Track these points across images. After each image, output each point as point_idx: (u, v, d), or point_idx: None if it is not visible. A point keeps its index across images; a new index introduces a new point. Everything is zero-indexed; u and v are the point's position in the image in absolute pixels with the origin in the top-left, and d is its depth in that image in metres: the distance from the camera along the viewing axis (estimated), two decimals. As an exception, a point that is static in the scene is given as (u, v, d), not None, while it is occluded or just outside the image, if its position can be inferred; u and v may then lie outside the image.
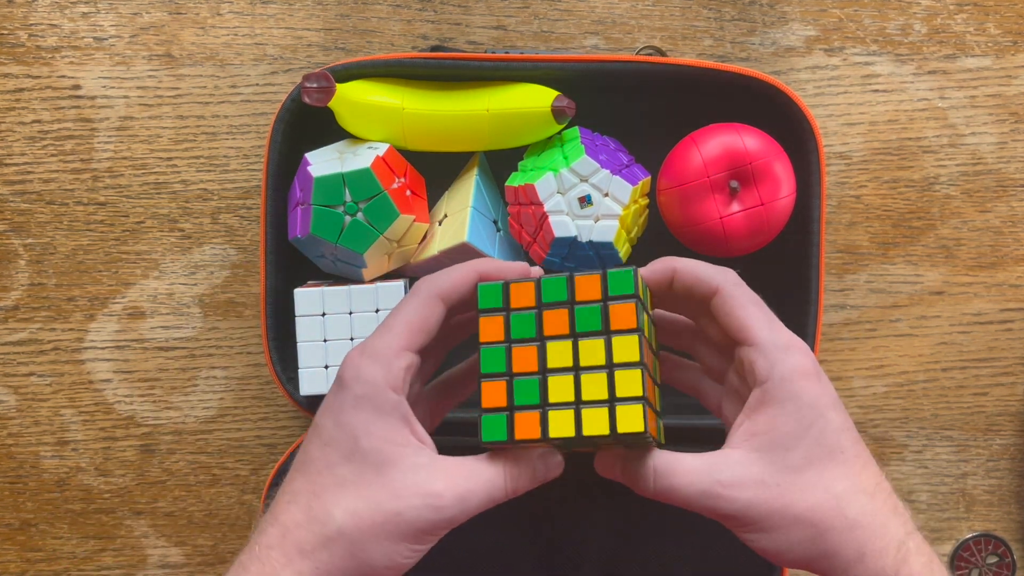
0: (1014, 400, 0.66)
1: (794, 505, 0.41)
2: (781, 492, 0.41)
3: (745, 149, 0.55)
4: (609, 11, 0.63)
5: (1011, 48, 0.64)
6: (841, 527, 0.41)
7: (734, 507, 0.41)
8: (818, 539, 0.41)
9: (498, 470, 0.42)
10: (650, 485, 0.41)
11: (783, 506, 0.41)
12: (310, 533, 0.40)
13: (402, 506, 0.40)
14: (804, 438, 0.41)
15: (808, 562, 0.41)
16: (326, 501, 0.40)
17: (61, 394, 0.64)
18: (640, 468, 0.41)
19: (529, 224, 0.57)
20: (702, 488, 0.41)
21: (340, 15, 0.63)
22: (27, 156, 0.63)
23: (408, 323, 0.42)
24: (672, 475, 0.41)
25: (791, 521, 0.41)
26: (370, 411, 0.41)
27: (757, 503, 0.41)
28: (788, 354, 0.42)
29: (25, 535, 0.65)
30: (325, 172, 0.56)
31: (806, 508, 0.41)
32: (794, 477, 0.41)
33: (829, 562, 0.41)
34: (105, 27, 0.63)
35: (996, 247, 0.65)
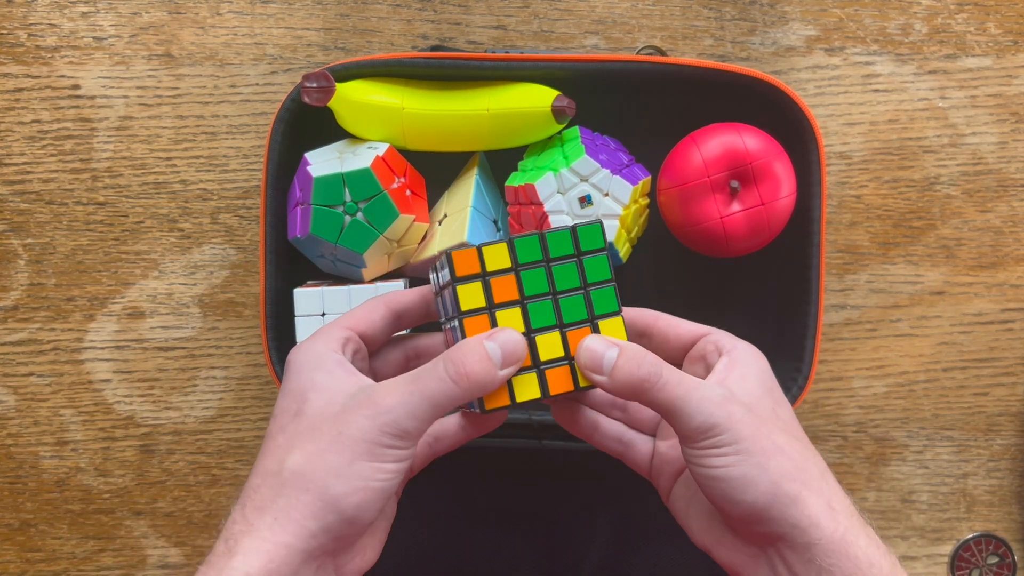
0: (1015, 400, 0.66)
1: (776, 438, 0.40)
2: (763, 425, 0.40)
3: (745, 149, 0.55)
4: (609, 11, 0.63)
5: (1011, 48, 0.64)
6: (813, 472, 0.40)
7: (729, 420, 0.39)
8: (794, 475, 0.39)
9: (435, 364, 0.39)
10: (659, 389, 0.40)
11: (768, 432, 0.40)
12: (266, 488, 0.38)
13: (343, 426, 0.38)
14: (770, 397, 0.42)
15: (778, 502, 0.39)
16: (278, 455, 0.39)
17: (61, 394, 0.64)
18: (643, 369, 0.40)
19: (529, 224, 0.57)
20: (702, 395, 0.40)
21: (340, 15, 0.63)
22: (27, 156, 0.63)
23: (348, 315, 0.43)
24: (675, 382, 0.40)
25: (774, 447, 0.39)
26: (312, 369, 0.41)
27: (747, 424, 0.39)
28: (744, 342, 0.44)
29: (25, 535, 0.65)
30: (325, 172, 0.56)
31: (785, 442, 0.40)
32: (773, 420, 0.41)
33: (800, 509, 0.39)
34: (105, 27, 0.62)
35: (997, 247, 0.65)
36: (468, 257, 0.41)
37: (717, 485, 0.40)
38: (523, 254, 0.42)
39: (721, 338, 0.44)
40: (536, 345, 0.42)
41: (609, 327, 0.43)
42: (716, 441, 0.39)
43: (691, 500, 0.45)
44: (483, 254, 0.42)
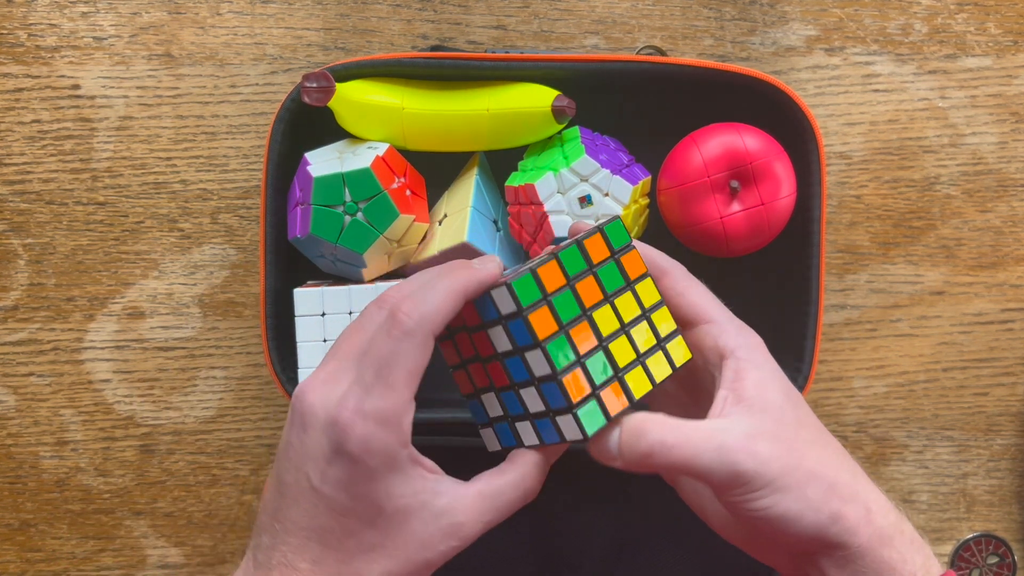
0: (1015, 400, 0.66)
1: (806, 459, 0.39)
2: (792, 447, 0.39)
3: (745, 149, 0.55)
4: (609, 11, 0.63)
5: (1011, 48, 0.64)
6: (846, 480, 0.39)
7: (754, 462, 0.38)
8: (830, 494, 0.39)
9: (508, 480, 0.41)
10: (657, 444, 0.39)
11: (798, 460, 0.38)
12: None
13: (431, 554, 0.39)
14: (788, 400, 0.41)
15: (819, 527, 0.39)
16: (357, 567, 0.39)
17: (61, 394, 0.64)
18: (642, 441, 0.39)
19: (529, 224, 0.57)
20: (721, 443, 0.38)
21: (340, 15, 0.63)
22: (27, 156, 0.63)
23: (409, 373, 0.39)
24: (688, 444, 0.38)
25: (806, 476, 0.38)
26: (388, 477, 0.39)
27: (774, 457, 0.38)
28: (743, 329, 0.43)
29: (25, 535, 0.65)
30: (325, 172, 0.56)
31: (816, 462, 0.39)
32: (797, 434, 0.40)
33: (839, 524, 0.39)
34: (105, 27, 0.62)
35: (997, 247, 0.65)
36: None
37: (761, 524, 0.39)
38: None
39: (721, 335, 0.42)
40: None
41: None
42: (747, 488, 0.38)
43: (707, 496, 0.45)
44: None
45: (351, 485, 0.38)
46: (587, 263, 0.42)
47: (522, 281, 0.39)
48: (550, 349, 0.39)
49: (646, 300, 0.43)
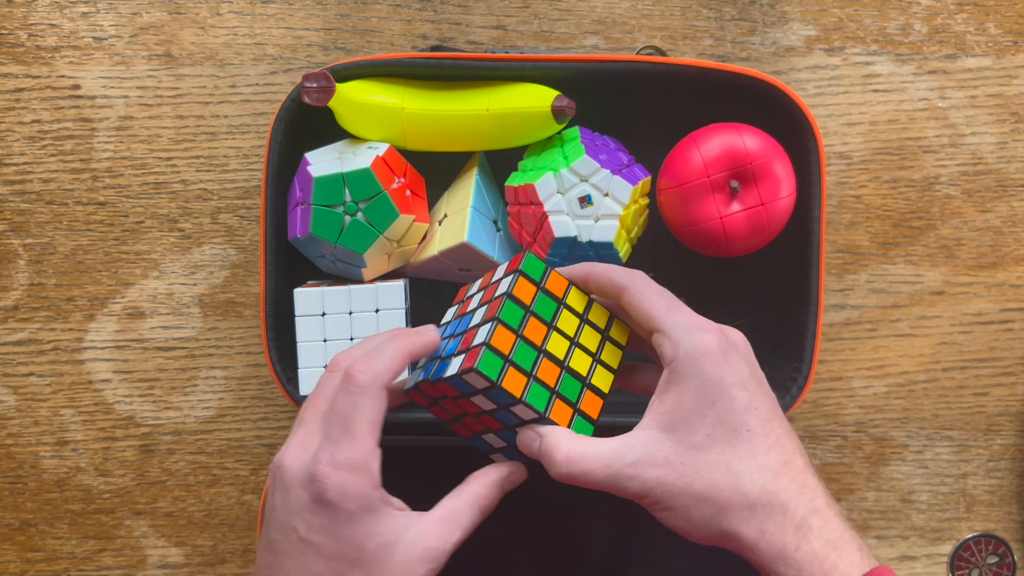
0: (1014, 400, 0.66)
1: (695, 484, 0.42)
2: (684, 471, 0.42)
3: (745, 149, 0.55)
4: (609, 11, 0.63)
5: (1011, 48, 0.64)
6: (740, 505, 0.42)
7: (641, 488, 0.42)
8: (718, 517, 0.42)
9: (463, 500, 0.46)
10: (563, 470, 0.44)
11: (685, 485, 0.42)
12: None
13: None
14: (708, 416, 0.43)
15: (712, 540, 0.43)
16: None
17: (61, 394, 0.64)
18: (555, 454, 0.44)
19: (529, 224, 0.57)
20: (612, 472, 0.43)
21: (340, 15, 0.63)
22: (27, 156, 0.63)
23: (371, 423, 0.44)
24: (583, 460, 0.43)
25: (692, 500, 0.42)
26: (366, 518, 0.43)
27: (662, 483, 0.42)
28: (692, 334, 0.44)
29: (25, 535, 0.65)
30: (325, 172, 0.56)
31: (706, 487, 0.42)
32: (697, 455, 0.42)
33: (732, 541, 0.42)
34: (105, 27, 0.62)
35: (996, 247, 0.65)
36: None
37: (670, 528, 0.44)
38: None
39: (665, 343, 0.44)
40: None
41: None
42: (643, 502, 0.43)
43: None
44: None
45: (334, 529, 0.43)
46: (523, 308, 0.45)
47: (485, 360, 0.43)
48: (529, 400, 0.44)
49: (579, 308, 0.47)
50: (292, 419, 0.65)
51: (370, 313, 0.58)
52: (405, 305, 0.58)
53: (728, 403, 0.43)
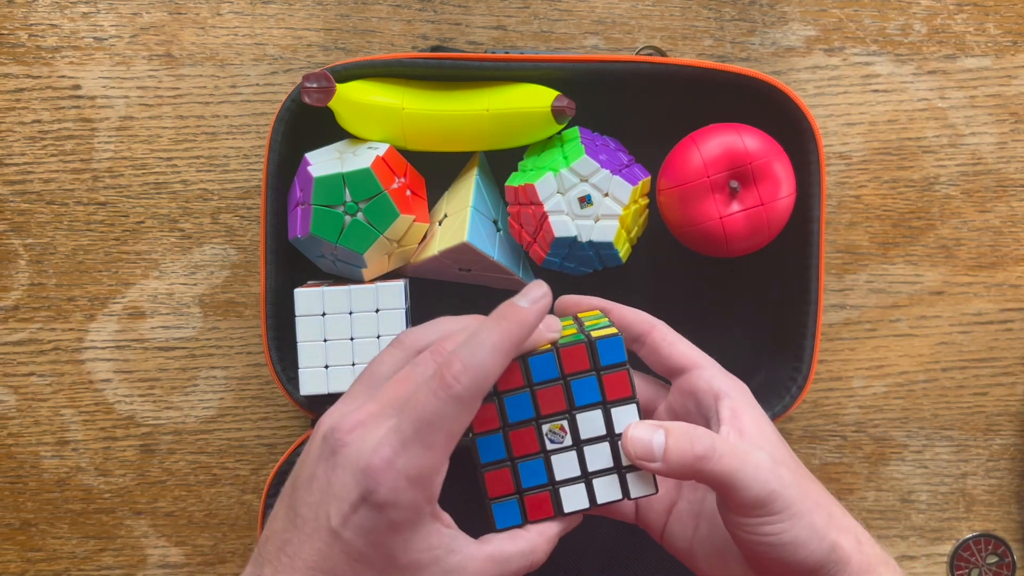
0: (1014, 400, 0.66)
1: (811, 489, 0.41)
2: (798, 478, 0.41)
3: (745, 149, 0.55)
4: (609, 11, 0.63)
5: (1011, 48, 0.64)
6: (839, 512, 0.42)
7: (780, 485, 0.40)
8: (831, 523, 0.41)
9: (520, 549, 0.42)
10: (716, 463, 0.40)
11: (806, 489, 0.41)
12: None
13: None
14: (782, 441, 0.44)
15: (823, 555, 0.40)
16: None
17: (61, 394, 0.64)
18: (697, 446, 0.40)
19: (529, 224, 0.57)
20: (755, 462, 0.40)
21: (340, 15, 0.63)
22: (27, 156, 0.63)
23: (449, 434, 0.39)
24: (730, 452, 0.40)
25: (814, 505, 0.40)
26: (408, 531, 0.39)
27: (793, 484, 0.40)
28: (733, 377, 0.46)
29: (25, 535, 0.65)
30: (325, 172, 0.56)
31: (817, 492, 0.42)
32: (797, 466, 0.42)
33: (837, 553, 0.41)
34: (105, 27, 0.63)
35: (996, 247, 0.65)
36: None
37: (769, 551, 0.40)
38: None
39: (715, 376, 0.44)
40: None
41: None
42: (768, 510, 0.40)
43: (695, 540, 0.46)
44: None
45: (371, 533, 0.38)
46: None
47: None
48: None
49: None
50: (292, 419, 0.65)
51: (370, 313, 0.58)
52: (405, 305, 0.58)
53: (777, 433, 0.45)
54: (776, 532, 0.40)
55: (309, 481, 0.40)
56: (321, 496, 0.39)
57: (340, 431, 0.39)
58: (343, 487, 0.38)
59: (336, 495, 0.38)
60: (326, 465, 0.39)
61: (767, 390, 0.61)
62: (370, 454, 0.38)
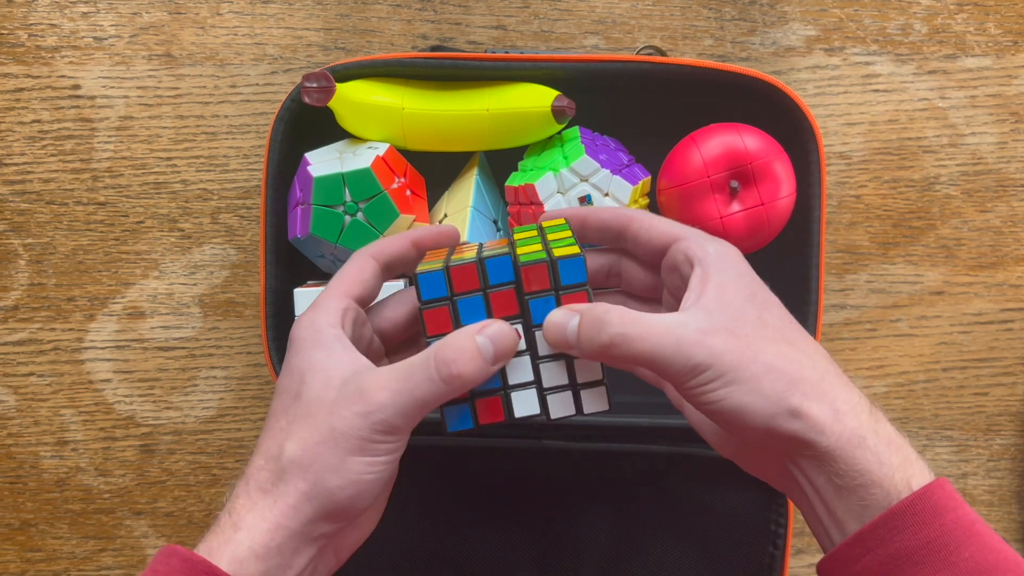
0: (1014, 400, 0.66)
1: (763, 353, 0.39)
2: (750, 341, 0.39)
3: (745, 149, 0.55)
4: (609, 11, 0.63)
5: (1011, 48, 0.64)
6: (812, 378, 0.39)
7: (709, 354, 0.38)
8: (791, 389, 0.38)
9: (425, 360, 0.39)
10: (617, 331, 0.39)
11: (755, 353, 0.38)
12: (267, 472, 0.40)
13: (335, 420, 0.39)
14: (754, 302, 0.41)
15: (776, 421, 0.38)
16: (279, 439, 0.41)
17: (61, 394, 0.64)
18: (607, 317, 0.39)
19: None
20: (674, 339, 0.38)
21: (340, 15, 0.63)
22: (27, 156, 0.63)
23: (340, 279, 0.44)
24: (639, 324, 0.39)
25: (764, 369, 0.38)
26: (313, 347, 0.42)
27: (728, 350, 0.38)
28: (713, 241, 0.43)
29: (25, 535, 0.65)
30: (325, 172, 0.56)
31: (774, 356, 0.39)
32: (758, 330, 0.40)
33: (800, 420, 0.38)
34: (105, 27, 0.63)
35: (996, 247, 0.65)
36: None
37: (718, 417, 0.39)
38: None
39: (691, 245, 0.42)
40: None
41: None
42: (703, 379, 0.38)
43: (693, 417, 0.46)
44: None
45: (288, 361, 0.43)
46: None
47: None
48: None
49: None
50: (292, 419, 0.65)
51: (370, 313, 0.58)
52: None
53: (766, 295, 0.42)
54: (717, 399, 0.38)
55: None
56: None
57: None
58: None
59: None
60: None
61: (767, 390, 0.61)
62: None
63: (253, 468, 0.41)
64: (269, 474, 0.40)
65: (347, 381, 0.40)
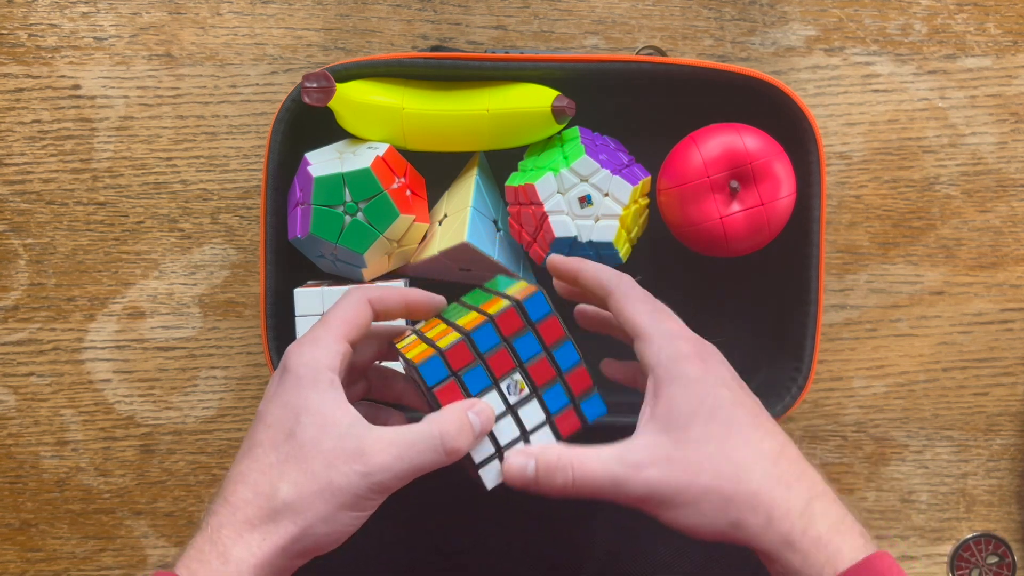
0: (1014, 400, 0.66)
1: (700, 477, 0.42)
2: (686, 467, 0.42)
3: (745, 149, 0.55)
4: (609, 11, 0.63)
5: (1011, 48, 0.64)
6: (745, 493, 0.42)
7: (647, 487, 0.42)
8: (727, 508, 0.42)
9: (430, 432, 0.43)
10: (570, 482, 0.43)
11: (689, 480, 0.42)
12: (258, 508, 0.41)
13: (334, 474, 0.41)
14: (699, 413, 0.43)
15: (722, 533, 0.43)
16: (272, 477, 0.42)
17: (61, 394, 0.64)
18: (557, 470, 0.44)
19: (529, 224, 0.57)
20: (614, 475, 0.43)
21: (340, 15, 0.63)
22: (27, 156, 0.63)
23: (343, 319, 0.45)
24: (583, 466, 0.43)
25: (699, 493, 0.42)
26: (310, 388, 0.43)
27: (666, 480, 0.42)
28: (672, 341, 0.44)
29: (25, 535, 0.65)
30: (325, 172, 0.56)
31: (711, 478, 0.42)
32: (696, 451, 0.43)
33: (740, 531, 0.42)
34: (105, 27, 0.63)
35: (996, 247, 0.65)
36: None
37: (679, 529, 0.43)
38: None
39: (645, 350, 0.45)
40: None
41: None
42: (648, 507, 0.43)
43: None
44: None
45: (282, 393, 0.43)
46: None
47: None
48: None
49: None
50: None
51: (370, 313, 0.58)
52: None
53: (715, 400, 0.43)
54: (666, 520, 0.43)
55: None
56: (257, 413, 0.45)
57: None
58: (270, 386, 0.45)
59: (265, 397, 0.45)
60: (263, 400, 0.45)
61: (767, 390, 0.61)
62: None
63: (239, 499, 0.42)
64: (259, 510, 0.41)
65: (345, 435, 0.42)
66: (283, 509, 0.41)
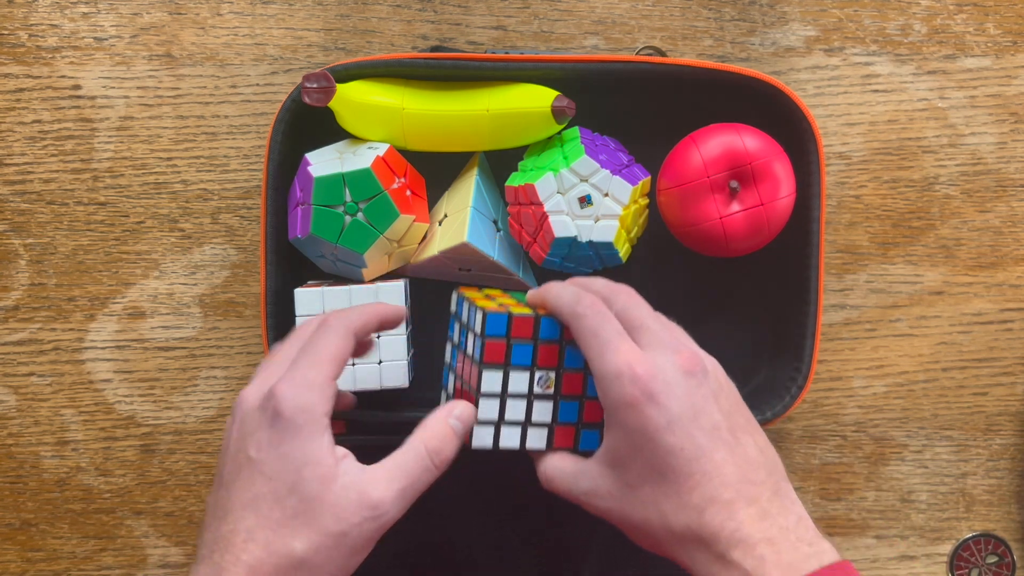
0: (1014, 400, 0.66)
1: (632, 517, 0.46)
2: (622, 506, 0.46)
3: (745, 149, 0.55)
4: (609, 11, 0.63)
5: (1011, 48, 0.64)
6: (669, 539, 0.45)
7: (596, 511, 0.47)
8: (658, 545, 0.46)
9: (419, 453, 0.45)
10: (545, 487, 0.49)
11: (625, 517, 0.46)
12: (274, 568, 0.42)
13: (346, 526, 0.43)
14: (636, 459, 0.45)
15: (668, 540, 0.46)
16: (283, 535, 0.42)
17: (61, 394, 0.64)
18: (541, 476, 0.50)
19: (529, 224, 0.57)
20: (572, 495, 0.48)
21: (340, 15, 0.63)
22: (27, 156, 0.63)
23: (332, 356, 0.46)
24: (551, 483, 0.49)
25: (632, 529, 0.46)
26: (309, 437, 0.43)
27: (609, 512, 0.47)
28: (614, 382, 0.45)
29: (25, 535, 0.65)
30: (325, 172, 0.56)
31: (640, 521, 0.46)
32: (631, 493, 0.46)
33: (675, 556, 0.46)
34: (105, 27, 0.63)
35: (996, 247, 0.65)
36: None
37: None
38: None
39: (597, 387, 0.46)
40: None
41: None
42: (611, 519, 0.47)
43: None
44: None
45: (281, 444, 0.43)
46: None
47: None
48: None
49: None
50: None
51: (370, 313, 0.58)
52: (405, 305, 0.58)
53: (652, 449, 0.45)
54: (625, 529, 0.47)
55: (225, 445, 0.45)
56: (237, 445, 0.44)
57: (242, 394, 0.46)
58: (252, 422, 0.44)
59: (248, 432, 0.44)
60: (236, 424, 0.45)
61: (767, 390, 0.61)
62: (272, 385, 0.44)
63: (253, 558, 0.42)
64: (276, 569, 0.42)
65: (347, 486, 0.43)
66: (300, 566, 0.42)
